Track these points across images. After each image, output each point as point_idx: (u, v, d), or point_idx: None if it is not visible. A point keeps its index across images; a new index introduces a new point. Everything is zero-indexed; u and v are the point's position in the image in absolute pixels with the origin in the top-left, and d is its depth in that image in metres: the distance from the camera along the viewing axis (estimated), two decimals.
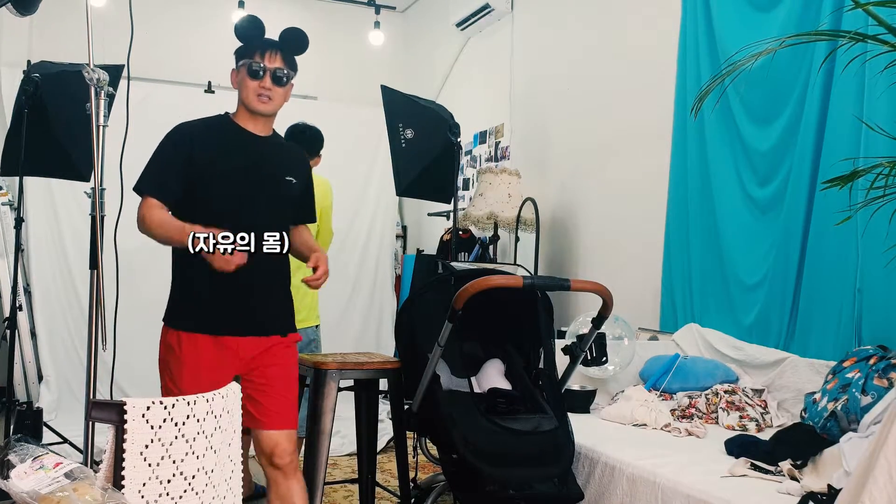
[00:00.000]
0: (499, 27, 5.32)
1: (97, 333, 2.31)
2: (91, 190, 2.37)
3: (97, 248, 2.33)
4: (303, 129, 3.42)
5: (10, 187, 4.69)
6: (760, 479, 2.11)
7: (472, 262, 4.87)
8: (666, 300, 3.68)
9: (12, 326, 3.64)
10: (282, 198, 2.31)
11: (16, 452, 1.55)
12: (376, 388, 2.90)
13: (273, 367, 2.24)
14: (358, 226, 5.77)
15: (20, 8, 2.25)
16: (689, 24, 3.59)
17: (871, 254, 2.61)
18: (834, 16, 2.80)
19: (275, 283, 2.27)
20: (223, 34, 5.86)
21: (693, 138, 3.53)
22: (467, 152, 5.65)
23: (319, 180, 3.36)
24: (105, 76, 2.33)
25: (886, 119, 2.54)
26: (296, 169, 2.38)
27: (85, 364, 2.36)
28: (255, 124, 2.36)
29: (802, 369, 2.83)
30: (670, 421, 2.74)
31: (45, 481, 1.45)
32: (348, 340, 5.50)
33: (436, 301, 2.48)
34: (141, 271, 4.95)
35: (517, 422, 2.39)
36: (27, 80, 3.39)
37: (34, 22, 5.08)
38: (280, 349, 2.26)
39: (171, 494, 1.63)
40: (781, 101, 3.08)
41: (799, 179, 2.96)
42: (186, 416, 1.66)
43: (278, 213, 2.28)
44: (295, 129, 3.43)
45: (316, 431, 2.58)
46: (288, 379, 2.27)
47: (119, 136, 2.53)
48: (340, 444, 4.35)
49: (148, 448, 1.60)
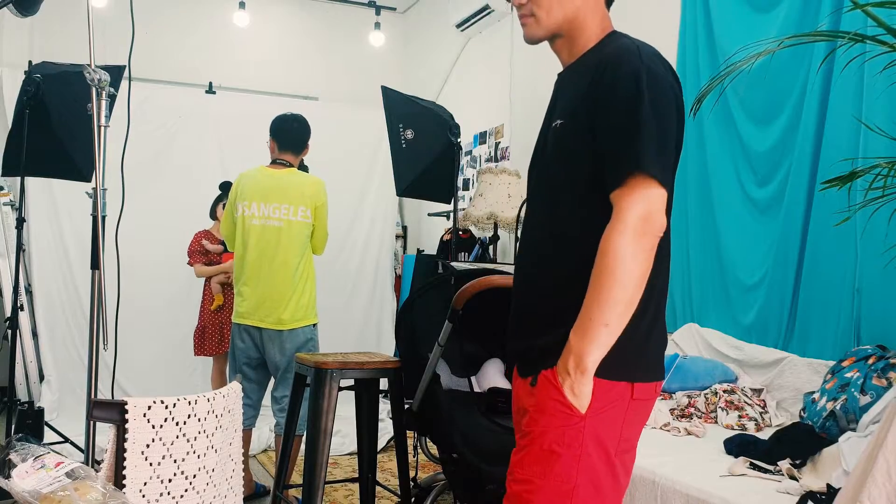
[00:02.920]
0: (499, 28, 5.32)
1: (98, 333, 2.32)
2: (92, 190, 2.37)
3: (98, 248, 2.34)
4: (290, 119, 3.39)
5: (11, 188, 4.70)
6: (759, 479, 2.12)
7: (472, 262, 4.87)
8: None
9: (14, 326, 3.65)
10: None
11: (17, 452, 1.56)
12: (376, 387, 2.91)
13: None
14: (358, 226, 5.78)
15: (21, 9, 2.26)
16: (688, 24, 3.59)
17: (870, 254, 2.61)
18: (833, 16, 2.80)
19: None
20: (224, 35, 5.90)
21: (692, 139, 3.54)
22: (467, 153, 5.65)
23: (312, 179, 3.37)
24: (106, 77, 2.33)
25: (885, 119, 2.55)
26: None
27: (86, 364, 2.37)
28: None
29: (801, 369, 2.83)
30: (669, 420, 2.75)
31: (46, 481, 1.46)
32: (348, 340, 5.51)
33: (436, 301, 2.48)
34: (142, 271, 4.97)
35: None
36: (28, 80, 3.40)
37: (35, 23, 5.09)
38: None
39: (173, 494, 1.63)
40: (780, 102, 3.08)
41: (798, 180, 2.97)
42: (187, 416, 1.66)
43: None
44: (282, 119, 3.40)
45: (316, 431, 2.59)
46: None
47: (120, 136, 2.53)
48: (341, 443, 4.36)
49: (149, 447, 1.61)
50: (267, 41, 6.05)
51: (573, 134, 1.42)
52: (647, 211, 1.31)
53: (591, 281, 1.32)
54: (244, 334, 3.29)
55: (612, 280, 1.29)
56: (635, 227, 1.30)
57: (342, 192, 5.27)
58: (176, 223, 5.13)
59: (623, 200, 1.32)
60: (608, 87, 1.37)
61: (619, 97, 1.35)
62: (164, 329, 5.04)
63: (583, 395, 1.32)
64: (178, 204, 5.15)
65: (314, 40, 6.25)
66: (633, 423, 1.41)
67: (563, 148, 1.45)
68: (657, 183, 1.32)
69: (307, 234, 3.31)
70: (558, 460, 1.34)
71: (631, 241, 1.29)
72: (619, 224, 1.30)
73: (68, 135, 3.42)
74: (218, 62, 5.78)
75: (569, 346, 1.33)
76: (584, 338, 1.31)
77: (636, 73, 1.36)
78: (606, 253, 1.30)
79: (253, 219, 3.26)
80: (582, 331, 1.32)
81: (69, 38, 4.85)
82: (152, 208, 5.04)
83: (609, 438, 1.37)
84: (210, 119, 5.30)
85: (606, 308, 1.29)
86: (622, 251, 1.28)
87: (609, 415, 1.36)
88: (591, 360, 1.31)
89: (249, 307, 3.26)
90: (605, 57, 1.42)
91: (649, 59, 1.39)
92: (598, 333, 1.30)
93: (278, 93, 5.72)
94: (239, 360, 3.32)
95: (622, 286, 1.29)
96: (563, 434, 1.34)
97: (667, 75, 1.41)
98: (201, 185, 4.99)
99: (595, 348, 1.30)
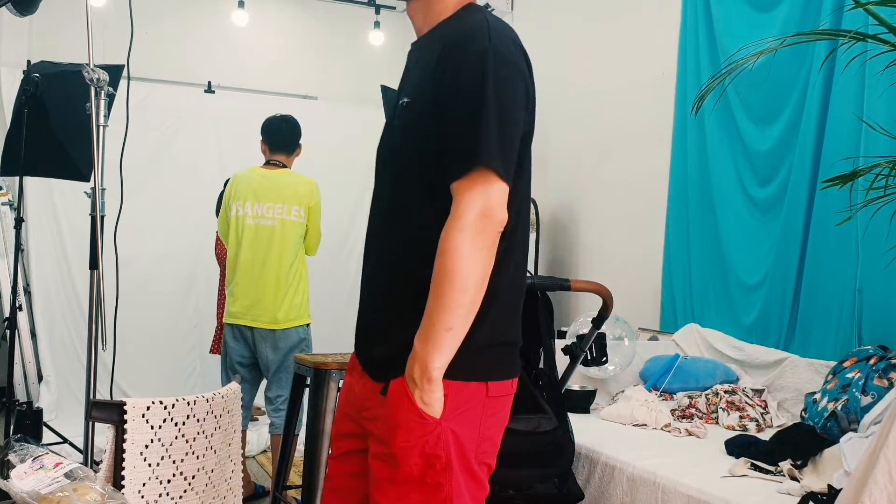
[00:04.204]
0: None
1: (97, 333, 2.31)
2: (91, 190, 2.37)
3: (97, 248, 2.33)
4: (279, 120, 3.39)
5: (10, 187, 4.69)
6: (760, 479, 2.11)
7: None
8: (666, 300, 3.68)
9: (12, 326, 3.64)
10: None
11: (16, 452, 1.55)
12: None
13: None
14: (358, 226, 5.77)
15: (20, 8, 2.25)
16: (689, 24, 3.59)
17: (872, 254, 2.61)
18: (834, 15, 2.80)
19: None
20: (223, 34, 5.89)
21: (693, 138, 3.53)
22: None
23: (306, 180, 3.37)
24: (105, 76, 2.33)
25: (887, 118, 2.54)
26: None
27: (85, 364, 2.36)
28: None
29: (802, 369, 2.83)
30: (670, 421, 2.74)
31: (45, 481, 1.45)
32: (347, 340, 5.48)
33: None
34: (141, 271, 4.96)
35: (517, 422, 2.38)
36: (27, 79, 3.39)
37: (34, 22, 5.08)
38: None
39: (171, 494, 1.63)
40: (781, 101, 3.08)
41: (799, 179, 2.96)
42: (186, 417, 1.66)
43: None
44: (271, 120, 3.40)
45: (316, 431, 2.58)
46: None
47: (119, 136, 2.53)
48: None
49: (148, 448, 1.60)
50: (266, 40, 6.04)
51: (420, 114, 1.34)
52: (486, 206, 1.23)
53: (432, 283, 1.24)
54: (237, 334, 3.29)
55: (453, 282, 1.21)
56: (474, 224, 1.22)
57: (342, 191, 5.27)
58: (175, 223, 5.13)
59: (461, 195, 1.24)
60: (453, 69, 1.28)
61: (462, 81, 1.27)
62: (163, 329, 5.03)
63: (433, 402, 1.25)
64: (177, 203, 5.15)
65: (313, 39, 6.23)
66: (492, 421, 1.35)
67: (409, 129, 1.36)
68: (498, 177, 1.25)
69: (300, 234, 3.31)
70: (427, 471, 1.28)
71: (469, 240, 1.22)
72: (457, 221, 1.23)
73: (67, 134, 3.41)
74: (217, 61, 5.77)
75: (413, 354, 1.25)
76: (427, 344, 1.23)
77: (482, 56, 1.27)
78: (445, 253, 1.22)
79: (246, 218, 3.26)
80: (425, 337, 1.24)
81: (68, 38, 4.84)
82: (151, 208, 5.03)
83: (468, 440, 1.31)
84: (209, 118, 5.30)
85: (448, 312, 1.22)
86: (461, 251, 1.21)
87: (466, 416, 1.30)
88: (437, 367, 1.23)
89: (242, 307, 3.26)
90: (455, 34, 1.34)
91: (499, 40, 1.30)
92: (442, 339, 1.22)
93: (277, 92, 5.70)
94: (231, 359, 3.32)
95: (462, 288, 1.22)
96: (425, 444, 1.26)
97: (517, 58, 1.33)
98: (200, 184, 4.99)
99: (439, 354, 1.23)
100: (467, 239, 1.22)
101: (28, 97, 3.34)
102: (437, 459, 1.27)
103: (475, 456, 1.33)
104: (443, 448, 1.27)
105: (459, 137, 1.26)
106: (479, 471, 1.35)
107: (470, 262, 1.22)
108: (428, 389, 1.24)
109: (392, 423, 1.29)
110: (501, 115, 1.26)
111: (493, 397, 1.33)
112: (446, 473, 1.28)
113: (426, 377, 1.23)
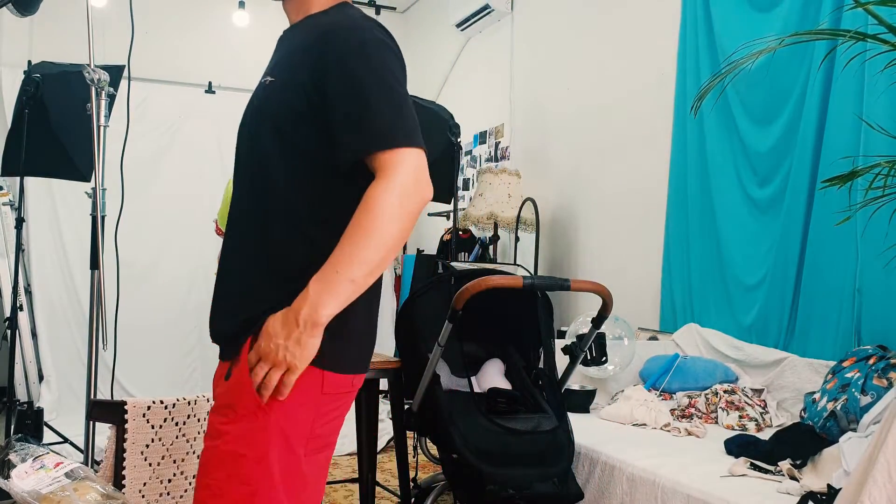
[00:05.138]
0: (499, 27, 5.32)
1: (98, 333, 2.31)
2: (92, 190, 2.37)
3: (98, 248, 2.34)
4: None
5: (10, 187, 4.70)
6: (760, 479, 2.11)
7: (472, 262, 4.87)
8: (665, 300, 3.68)
9: (13, 326, 3.64)
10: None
11: (16, 452, 1.56)
12: (376, 387, 2.91)
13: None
14: None
15: (21, 8, 2.25)
16: (689, 24, 3.59)
17: (871, 254, 2.61)
18: (834, 15, 2.80)
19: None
20: (223, 34, 5.89)
21: (693, 138, 3.54)
22: (467, 152, 5.65)
23: None
24: (106, 76, 2.33)
25: (886, 118, 2.55)
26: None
27: (86, 363, 2.36)
28: None
29: (802, 369, 2.83)
30: (670, 421, 2.74)
31: (45, 481, 1.45)
32: None
33: (436, 301, 2.48)
34: (142, 271, 4.97)
35: (517, 421, 2.39)
36: (28, 80, 3.40)
37: (35, 22, 5.09)
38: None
39: (172, 494, 1.63)
40: (781, 101, 3.08)
41: (799, 179, 2.96)
42: (187, 416, 1.66)
43: None
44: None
45: None
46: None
47: (120, 136, 2.53)
48: (340, 443, 4.35)
49: (149, 447, 1.61)
50: (267, 41, 6.01)
51: (284, 91, 1.33)
52: (418, 175, 1.24)
53: (346, 233, 1.21)
54: None
55: (369, 238, 1.19)
56: (405, 186, 1.22)
57: None
58: (175, 223, 5.14)
59: (391, 161, 1.23)
60: (338, 56, 1.28)
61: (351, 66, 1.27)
62: (163, 329, 5.04)
63: (308, 347, 1.20)
64: (178, 203, 5.15)
65: None
66: (326, 418, 1.31)
67: (268, 105, 1.35)
68: (421, 150, 1.26)
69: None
70: (242, 462, 1.24)
71: (398, 201, 1.20)
72: (389, 182, 1.21)
73: (68, 135, 3.41)
74: (218, 62, 5.77)
75: (305, 294, 1.21)
76: (325, 288, 1.20)
77: (362, 41, 1.29)
78: (369, 210, 1.20)
79: None
80: (325, 281, 1.20)
81: (69, 38, 4.84)
82: (152, 208, 5.04)
83: (296, 436, 1.26)
84: (209, 119, 5.30)
85: (356, 264, 1.19)
86: (387, 210, 1.20)
87: (297, 411, 1.26)
88: (326, 313, 1.20)
89: None
90: (333, 23, 1.34)
91: (378, 30, 1.34)
92: (342, 288, 1.20)
93: None
94: None
95: (377, 246, 1.20)
96: (249, 433, 1.24)
97: (393, 45, 1.35)
98: (201, 184, 4.99)
99: (333, 301, 1.20)
100: (395, 200, 1.20)
101: (29, 98, 3.35)
102: (253, 450, 1.24)
103: (304, 453, 1.28)
104: (264, 441, 1.24)
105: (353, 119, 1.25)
106: (303, 464, 1.29)
107: (393, 223, 1.20)
108: (309, 332, 1.20)
109: (228, 405, 1.27)
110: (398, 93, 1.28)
111: (327, 394, 1.30)
112: (257, 467, 1.25)
113: (313, 319, 1.20)
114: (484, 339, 2.74)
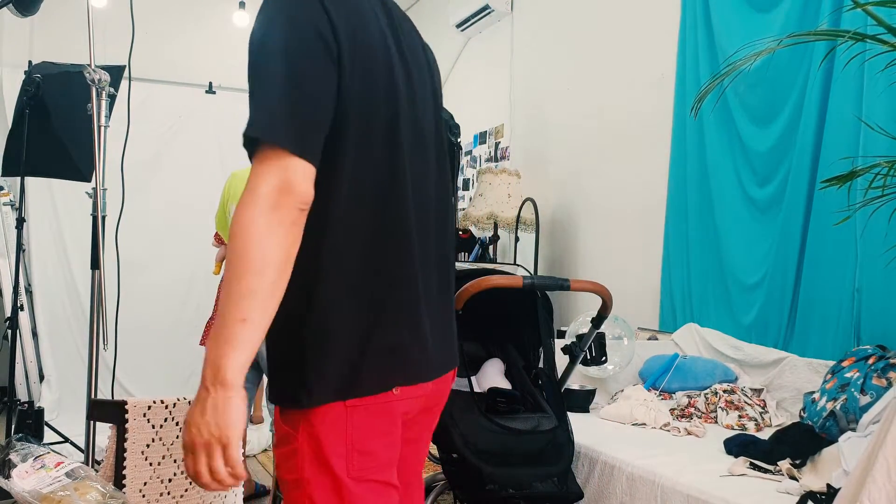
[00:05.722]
0: (499, 28, 5.32)
1: (98, 333, 2.32)
2: (92, 190, 2.37)
3: (98, 248, 2.34)
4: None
5: (11, 188, 4.70)
6: (759, 479, 2.12)
7: (472, 262, 4.87)
8: (665, 300, 3.68)
9: (14, 326, 3.64)
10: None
11: (17, 452, 1.56)
12: None
13: None
14: None
15: (21, 8, 2.26)
16: (688, 24, 3.59)
17: (870, 254, 2.61)
18: (833, 16, 2.80)
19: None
20: (224, 34, 5.89)
21: (692, 138, 3.54)
22: (467, 152, 5.65)
23: None
24: (106, 76, 2.34)
25: (886, 118, 2.55)
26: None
27: (86, 363, 2.37)
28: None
29: (801, 369, 2.83)
30: (669, 420, 2.75)
31: (46, 480, 1.46)
32: None
33: None
34: (142, 271, 4.97)
35: (517, 421, 2.40)
36: (28, 80, 3.40)
37: (35, 22, 5.09)
38: None
39: (173, 493, 1.64)
40: (780, 102, 3.08)
41: (798, 179, 2.97)
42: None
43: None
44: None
45: None
46: None
47: (120, 136, 2.54)
48: None
49: (149, 447, 1.61)
50: None
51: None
52: (283, 181, 1.05)
53: (225, 269, 1.06)
54: None
55: (245, 265, 1.03)
56: (268, 198, 1.04)
57: None
58: (176, 223, 5.14)
59: (254, 170, 1.07)
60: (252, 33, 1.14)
61: (252, 46, 1.12)
62: (164, 328, 5.04)
63: (229, 408, 1.03)
64: (178, 204, 5.16)
65: None
66: (366, 431, 1.17)
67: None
68: (292, 154, 1.07)
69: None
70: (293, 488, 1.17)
71: (264, 216, 1.04)
72: (249, 196, 1.05)
73: (68, 135, 3.42)
74: (218, 62, 5.78)
75: (205, 355, 1.06)
76: (218, 341, 1.04)
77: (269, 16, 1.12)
78: (235, 234, 1.04)
79: None
80: (216, 334, 1.04)
81: (69, 38, 4.84)
82: (152, 208, 5.04)
83: (335, 456, 1.15)
84: (210, 119, 5.30)
85: (242, 300, 1.03)
86: (254, 229, 1.03)
87: (329, 435, 1.15)
88: (232, 365, 1.03)
89: None
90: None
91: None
92: (235, 332, 1.03)
93: None
94: None
95: (256, 272, 1.03)
96: (286, 459, 1.16)
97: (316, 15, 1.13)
98: (201, 185, 4.99)
99: (232, 350, 1.03)
100: (261, 215, 1.04)
101: (29, 98, 3.35)
102: (291, 475, 1.18)
103: (349, 473, 1.16)
104: (300, 467, 1.16)
105: (250, 111, 1.10)
106: (350, 486, 1.17)
107: (264, 241, 1.04)
108: (223, 396, 1.03)
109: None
110: (291, 83, 1.09)
111: (353, 406, 1.17)
112: (296, 492, 1.18)
113: (218, 379, 1.03)
114: (484, 338, 2.75)
